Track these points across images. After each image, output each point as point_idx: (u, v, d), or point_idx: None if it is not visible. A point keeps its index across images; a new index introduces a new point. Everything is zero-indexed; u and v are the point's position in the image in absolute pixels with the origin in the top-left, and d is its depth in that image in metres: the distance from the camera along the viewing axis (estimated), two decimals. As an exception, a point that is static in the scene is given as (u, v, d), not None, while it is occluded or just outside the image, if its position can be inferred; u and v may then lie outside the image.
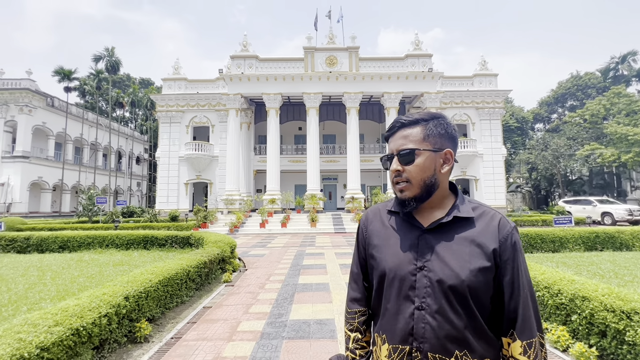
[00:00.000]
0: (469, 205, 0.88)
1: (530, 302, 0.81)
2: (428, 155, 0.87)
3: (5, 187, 23.09)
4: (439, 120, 0.90)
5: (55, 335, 2.30)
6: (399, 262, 0.86)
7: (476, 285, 0.79)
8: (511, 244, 0.82)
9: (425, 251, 0.84)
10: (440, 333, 0.78)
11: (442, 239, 0.85)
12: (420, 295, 0.81)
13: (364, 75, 20.93)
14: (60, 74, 26.93)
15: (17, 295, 4.96)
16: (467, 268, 0.79)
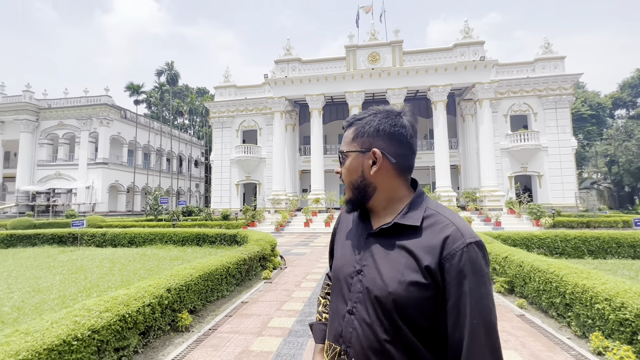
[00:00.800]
0: (421, 212, 0.78)
1: (483, 336, 0.66)
2: (354, 157, 0.83)
3: (91, 190, 26.86)
4: (374, 117, 0.83)
5: (104, 320, 2.64)
6: (344, 263, 0.84)
7: (405, 300, 0.70)
8: (459, 263, 0.68)
9: (366, 255, 0.80)
10: (364, 342, 0.73)
11: (383, 245, 0.78)
12: (353, 299, 0.78)
13: (408, 70, 20.17)
14: (131, 89, 30.44)
15: (91, 284, 5.76)
16: (397, 280, 0.71)
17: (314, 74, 21.38)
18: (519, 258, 4.96)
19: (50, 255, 9.21)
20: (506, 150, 21.99)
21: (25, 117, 27.88)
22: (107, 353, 2.72)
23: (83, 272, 6.72)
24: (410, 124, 0.84)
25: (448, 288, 0.69)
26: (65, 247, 10.80)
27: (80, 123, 28.28)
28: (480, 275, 0.69)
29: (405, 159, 0.83)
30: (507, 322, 3.95)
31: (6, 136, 28.31)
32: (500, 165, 21.73)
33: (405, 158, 0.83)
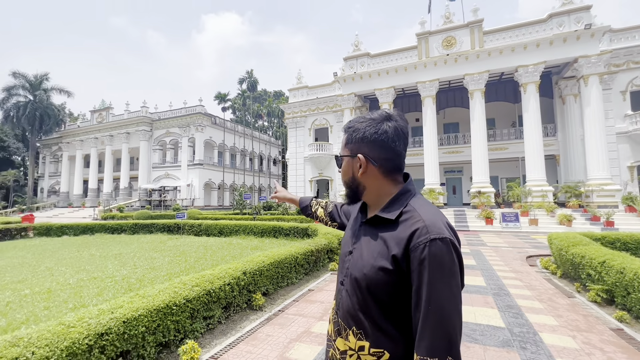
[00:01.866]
0: (399, 208, 0.89)
1: (435, 321, 0.74)
2: (346, 161, 0.98)
3: (190, 187, 31.47)
4: (358, 125, 0.95)
5: (195, 292, 3.29)
6: (345, 243, 1.03)
7: (375, 282, 0.84)
8: (420, 255, 0.77)
9: (357, 240, 0.97)
10: (345, 308, 0.92)
11: (368, 234, 0.93)
12: (343, 274, 0.97)
13: (490, 51, 18.16)
14: (218, 97, 34.45)
15: (189, 265, 6.93)
16: (370, 264, 0.86)
17: (383, 67, 20.94)
18: (619, 263, 4.22)
19: (162, 241, 11.26)
20: (625, 135, 18.06)
21: (143, 128, 34.07)
22: (198, 319, 3.37)
23: (184, 256, 8.10)
24: (393, 129, 0.92)
25: (412, 276, 0.79)
26: (172, 235, 13.03)
27: (181, 130, 33.26)
28: (441, 267, 0.76)
29: (389, 161, 0.93)
30: (595, 334, 3.45)
31: (131, 144, 35.07)
32: (615, 153, 17.98)
33: (390, 161, 0.93)
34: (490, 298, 4.75)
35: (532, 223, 14.78)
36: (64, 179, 39.14)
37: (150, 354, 2.77)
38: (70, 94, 37.90)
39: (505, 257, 8.21)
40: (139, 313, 2.65)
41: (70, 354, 2.11)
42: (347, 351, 0.90)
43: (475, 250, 9.34)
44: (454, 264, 0.78)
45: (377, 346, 0.85)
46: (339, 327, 0.94)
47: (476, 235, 13.04)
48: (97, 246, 10.19)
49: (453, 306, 0.76)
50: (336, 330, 0.96)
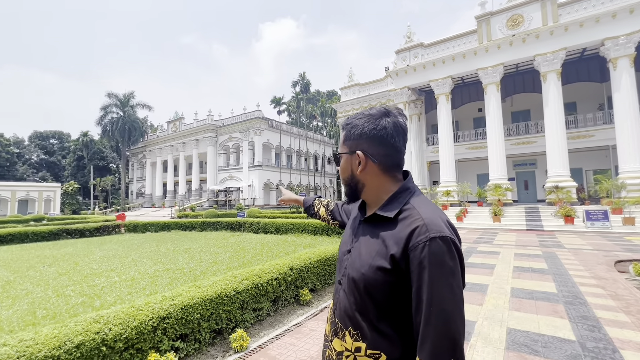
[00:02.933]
0: (398, 206, 0.87)
1: (437, 323, 0.72)
2: (345, 158, 0.95)
3: (251, 188, 33.60)
4: (357, 122, 0.93)
5: (244, 285, 3.56)
6: (344, 242, 1.01)
7: (372, 281, 0.82)
8: (420, 255, 0.75)
9: (356, 239, 0.95)
10: (343, 307, 0.91)
11: (367, 232, 0.91)
12: (341, 273, 0.95)
13: (567, 25, 15.88)
14: (274, 102, 36.10)
15: (247, 260, 7.45)
16: (368, 263, 0.84)
17: (439, 57, 19.73)
18: None
19: (225, 237, 12.27)
20: None
21: (209, 135, 37.39)
22: (248, 311, 3.64)
23: (243, 252, 8.73)
24: (392, 125, 0.90)
25: (411, 276, 0.77)
26: (234, 232, 14.09)
27: (242, 135, 35.69)
28: (441, 267, 0.74)
29: (389, 157, 0.91)
30: (700, 357, 2.84)
31: (200, 150, 38.78)
32: None
33: (389, 157, 0.91)
34: (561, 307, 4.21)
35: (627, 222, 12.54)
36: (148, 182, 44.96)
37: (205, 339, 3.09)
38: (151, 108, 43.39)
39: (587, 261, 7.14)
40: (194, 301, 2.97)
41: (139, 332, 2.48)
42: (343, 352, 0.89)
43: (548, 252, 8.30)
44: (455, 263, 0.76)
45: (374, 347, 0.83)
46: (336, 327, 0.93)
47: (552, 236, 11.56)
48: (172, 241, 11.54)
49: (455, 307, 0.74)
50: (333, 330, 0.94)
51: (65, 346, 2.06)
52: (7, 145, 50.79)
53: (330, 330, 0.97)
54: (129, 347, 2.42)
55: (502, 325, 3.64)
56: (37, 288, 5.19)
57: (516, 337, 3.33)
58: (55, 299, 4.52)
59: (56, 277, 5.98)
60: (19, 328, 3.41)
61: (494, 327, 3.57)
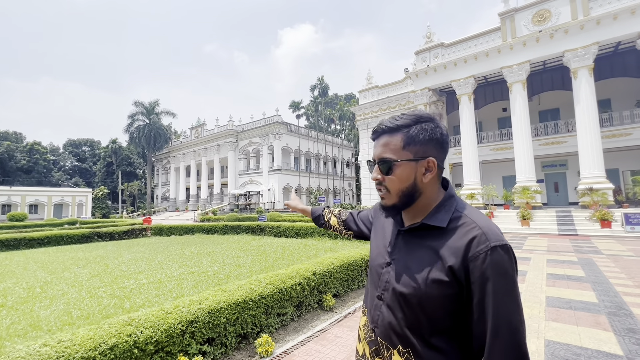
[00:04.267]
0: (448, 214, 0.82)
1: (505, 335, 0.70)
2: (407, 165, 0.84)
3: (271, 192, 33.98)
4: (423, 125, 0.84)
5: (268, 290, 3.55)
6: (377, 253, 0.95)
7: (427, 296, 0.78)
8: (482, 265, 0.72)
9: (396, 250, 0.89)
10: (386, 324, 0.85)
11: (411, 243, 0.86)
12: (382, 287, 0.88)
13: (599, 19, 15.08)
14: (293, 106, 36.47)
15: (269, 264, 7.49)
16: (422, 277, 0.79)
17: (460, 56, 19.25)
18: None
19: (246, 241, 12.42)
20: None
21: (230, 140, 38.23)
22: (272, 315, 3.63)
23: (264, 255, 8.79)
24: (445, 130, 0.88)
25: (472, 288, 0.73)
26: (255, 236, 14.25)
27: (261, 139, 36.24)
28: (504, 277, 0.71)
29: (443, 163, 0.88)
30: None
31: (221, 155, 39.71)
32: None
33: (443, 162, 0.89)
34: (604, 318, 3.92)
35: (672, 226, 11.63)
36: (172, 187, 46.49)
37: (232, 343, 3.10)
38: (175, 115, 44.96)
39: (630, 268, 6.66)
40: (220, 305, 2.99)
41: (168, 335, 2.51)
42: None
43: (585, 258, 7.82)
44: (515, 273, 0.74)
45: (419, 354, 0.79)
46: (378, 347, 0.87)
47: (587, 241, 10.90)
48: (195, 244, 11.81)
49: (521, 318, 0.72)
50: (373, 350, 0.89)
51: (100, 347, 2.11)
52: (45, 153, 54.16)
53: (369, 350, 0.91)
54: (159, 350, 2.46)
55: (539, 337, 3.43)
56: (72, 289, 5.43)
57: (555, 350, 3.12)
58: (88, 300, 4.70)
59: (89, 279, 6.24)
60: (56, 328, 3.56)
61: (530, 339, 3.37)
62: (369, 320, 0.93)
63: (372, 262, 0.97)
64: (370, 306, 0.93)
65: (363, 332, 0.95)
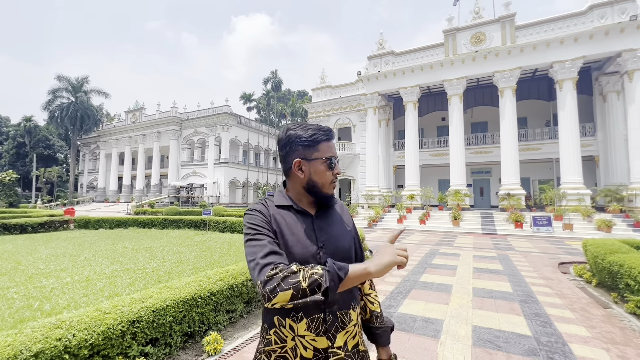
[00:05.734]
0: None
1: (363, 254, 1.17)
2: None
3: (217, 185, 32.47)
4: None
5: (218, 286, 3.43)
6: (302, 247, 1.00)
7: (353, 250, 1.11)
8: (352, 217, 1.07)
9: (320, 233, 1.05)
10: (343, 294, 0.98)
11: (328, 222, 1.10)
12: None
13: (522, 47, 17.33)
14: (244, 98, 35.26)
15: (214, 260, 7.18)
16: (347, 239, 1.09)
17: (408, 65, 20.55)
18: (663, 274, 3.92)
19: (189, 236, 11.73)
20: (674, 135, 16.57)
21: (173, 128, 35.56)
22: (221, 312, 3.51)
23: (209, 251, 8.41)
24: None
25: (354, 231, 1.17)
26: (199, 231, 13.53)
27: (208, 130, 34.39)
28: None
29: None
30: (633, 348, 3.24)
31: (161, 143, 36.72)
32: (663, 154, 16.55)
33: None
34: (517, 305, 4.57)
35: (567, 228, 13.96)
36: (101, 175, 41.68)
37: (177, 343, 2.93)
38: (108, 95, 40.24)
39: (535, 263, 7.83)
40: (166, 304, 2.81)
41: (106, 337, 2.28)
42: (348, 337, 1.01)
43: (502, 254, 8.98)
44: None
45: (358, 302, 1.10)
46: (336, 325, 0.99)
47: (504, 240, 12.53)
48: (129, 239, 10.80)
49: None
50: (332, 333, 0.97)
51: (21, 355, 1.84)
52: None
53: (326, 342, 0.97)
54: (95, 354, 2.23)
55: (468, 323, 3.87)
56: (-28, 290, 4.59)
57: (480, 333, 3.56)
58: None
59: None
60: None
61: (461, 325, 3.78)
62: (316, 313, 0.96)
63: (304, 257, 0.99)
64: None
65: (311, 331, 0.96)
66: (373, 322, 1.16)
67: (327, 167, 1.07)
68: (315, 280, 0.82)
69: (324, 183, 1.07)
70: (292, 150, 1.07)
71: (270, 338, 1.00)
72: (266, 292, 0.83)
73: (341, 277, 0.83)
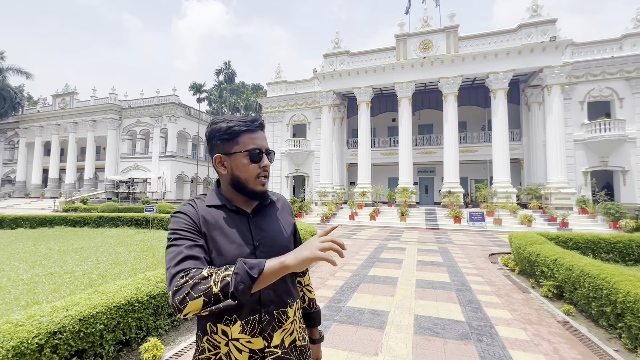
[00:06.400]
0: (269, 193, 1.14)
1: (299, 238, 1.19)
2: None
3: (162, 180, 30.28)
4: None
5: (159, 289, 3.19)
6: (239, 247, 0.95)
7: (291, 245, 1.09)
8: (294, 214, 1.11)
9: (257, 232, 1.00)
10: (280, 292, 0.99)
11: (266, 220, 1.06)
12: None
13: (464, 57, 18.85)
14: (194, 88, 33.32)
15: (157, 260, 6.70)
16: (285, 235, 1.07)
17: (362, 66, 21.15)
18: (569, 261, 4.57)
19: (128, 235, 10.80)
20: (581, 142, 19.43)
21: (111, 116, 32.30)
22: (162, 317, 3.28)
23: (152, 251, 7.82)
24: None
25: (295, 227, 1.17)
26: (140, 229, 12.52)
27: (153, 120, 31.88)
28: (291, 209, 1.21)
29: None
30: (545, 327, 3.73)
31: (97, 133, 33.15)
32: (572, 159, 19.31)
33: None
34: (454, 294, 4.98)
35: (497, 222, 15.60)
36: (20, 167, 36.39)
37: (109, 353, 2.67)
38: (30, 76, 35.14)
39: (470, 254, 8.62)
40: (97, 310, 2.53)
41: (18, 354, 1.99)
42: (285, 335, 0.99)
43: (443, 247, 9.73)
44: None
45: (296, 298, 1.08)
46: (273, 324, 0.95)
47: (445, 234, 13.58)
48: (56, 239, 9.61)
49: None
50: (268, 333, 0.94)
51: None
52: None
53: (262, 342, 0.93)
54: (3, 374, 1.93)
55: (410, 313, 4.12)
56: None
57: (422, 322, 3.81)
58: None
59: None
60: None
61: (404, 315, 4.01)
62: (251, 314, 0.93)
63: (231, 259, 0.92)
64: (251, 299, 0.92)
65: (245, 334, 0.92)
66: (310, 308, 1.22)
67: (250, 160, 0.99)
68: (228, 282, 0.76)
69: (247, 178, 1.00)
70: (214, 146, 1.02)
71: (203, 346, 0.95)
72: (175, 304, 0.76)
73: (253, 276, 0.77)
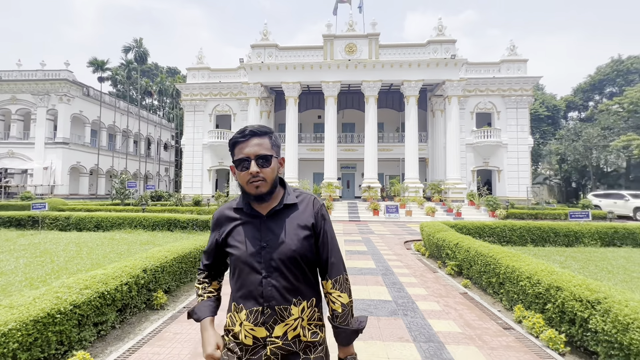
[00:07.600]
0: (294, 194, 1.17)
1: (335, 252, 1.17)
2: (275, 160, 1.12)
3: (49, 171, 25.20)
4: (275, 134, 1.19)
5: (85, 296, 2.83)
6: (247, 247, 1.09)
7: (303, 250, 1.09)
8: (321, 216, 1.16)
9: (266, 233, 1.10)
10: (282, 290, 1.06)
11: (277, 222, 1.11)
12: (266, 268, 1.06)
13: (384, 63, 20.63)
14: (94, 64, 28.54)
15: (59, 266, 5.72)
16: (296, 240, 1.09)
17: (291, 62, 21.26)
18: (467, 244, 5.60)
19: (9, 239, 8.82)
20: (471, 146, 23.35)
21: (-29, 89, 25.39)
22: (87, 327, 2.91)
23: (49, 256, 6.61)
24: None
25: (318, 232, 1.15)
26: (25, 231, 10.33)
27: (36, 99, 26.22)
28: (329, 219, 1.20)
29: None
30: (451, 298, 4.54)
31: (-52, 109, 25.72)
32: (465, 159, 23.08)
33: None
34: (380, 277, 5.60)
35: (408, 214, 17.71)
36: None
37: (24, 375, 2.28)
38: None
39: (389, 242, 9.67)
40: (9, 327, 2.14)
41: None
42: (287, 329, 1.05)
43: (365, 237, 10.66)
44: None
45: (309, 298, 1.12)
46: (275, 318, 1.05)
47: (366, 225, 14.83)
48: None
49: (335, 236, 1.22)
50: (270, 325, 1.05)
51: None
52: None
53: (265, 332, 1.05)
54: None
55: (346, 297, 4.51)
56: None
57: (356, 305, 4.22)
58: None
59: None
60: None
61: (341, 300, 4.37)
62: (255, 305, 1.06)
63: (243, 258, 1.09)
64: (255, 293, 1.06)
65: (249, 322, 1.06)
66: (333, 321, 1.15)
67: (238, 168, 1.10)
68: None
69: (242, 184, 1.10)
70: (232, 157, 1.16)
71: (227, 320, 1.17)
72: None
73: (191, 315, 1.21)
